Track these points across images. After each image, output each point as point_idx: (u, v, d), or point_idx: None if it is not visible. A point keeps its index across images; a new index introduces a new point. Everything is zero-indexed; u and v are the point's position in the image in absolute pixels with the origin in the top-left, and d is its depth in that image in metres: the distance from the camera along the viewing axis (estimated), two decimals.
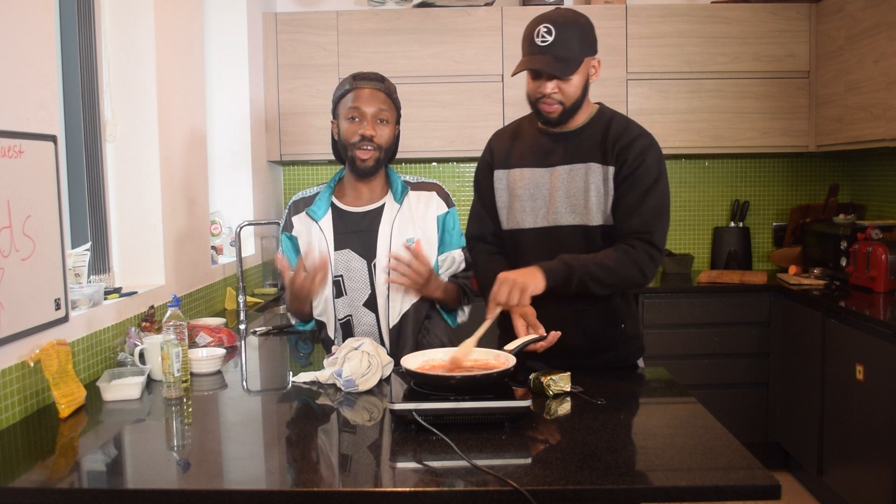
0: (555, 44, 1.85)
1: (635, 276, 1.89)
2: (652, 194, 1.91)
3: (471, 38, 3.80)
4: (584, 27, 1.90)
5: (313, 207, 2.08)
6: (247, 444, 1.59)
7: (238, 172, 3.69)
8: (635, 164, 1.92)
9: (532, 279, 1.80)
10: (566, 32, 1.85)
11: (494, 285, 1.82)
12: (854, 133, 3.46)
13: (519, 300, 1.78)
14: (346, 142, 2.00)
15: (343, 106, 2.01)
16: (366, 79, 2.00)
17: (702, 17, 3.81)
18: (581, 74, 1.91)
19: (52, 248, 1.90)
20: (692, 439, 1.50)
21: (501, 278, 1.81)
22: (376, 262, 2.05)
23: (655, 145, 1.98)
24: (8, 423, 1.70)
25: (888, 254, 3.19)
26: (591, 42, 1.93)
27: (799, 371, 3.41)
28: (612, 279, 1.88)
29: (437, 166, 4.25)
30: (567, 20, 1.87)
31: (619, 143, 1.94)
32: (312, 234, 2.09)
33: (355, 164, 2.01)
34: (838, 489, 3.08)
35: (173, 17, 2.73)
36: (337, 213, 2.09)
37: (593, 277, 1.85)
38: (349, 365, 1.84)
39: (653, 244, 1.90)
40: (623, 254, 1.88)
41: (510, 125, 2.16)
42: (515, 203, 2.04)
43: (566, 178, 1.97)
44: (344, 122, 2.00)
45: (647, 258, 1.89)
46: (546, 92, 1.91)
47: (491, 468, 1.33)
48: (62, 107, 2.33)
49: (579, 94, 1.93)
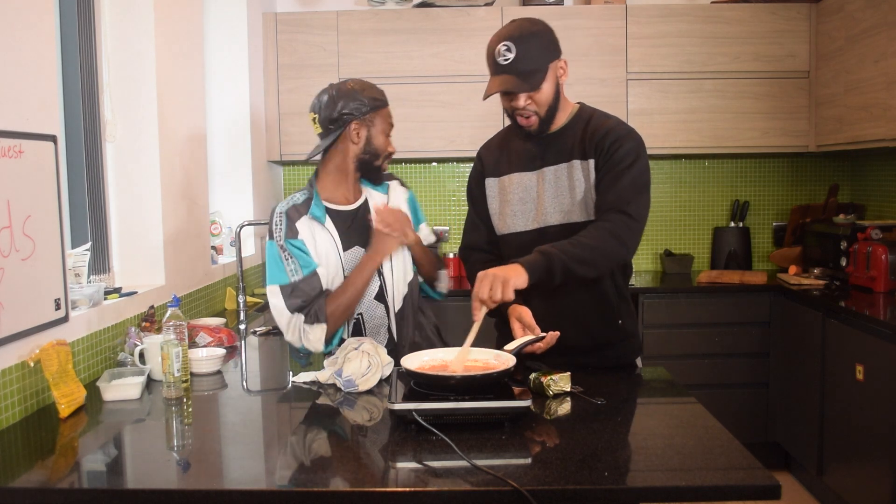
0: (516, 60, 1.87)
1: (615, 248, 1.85)
2: (627, 174, 1.89)
3: (471, 38, 3.80)
4: (542, 35, 1.91)
5: (314, 212, 2.09)
6: (247, 444, 1.59)
7: (238, 172, 3.69)
8: (611, 151, 1.91)
9: (513, 272, 1.77)
10: (525, 46, 1.87)
11: (475, 283, 1.79)
12: (854, 133, 3.46)
13: (502, 294, 1.74)
14: (381, 151, 2.14)
15: (381, 118, 2.13)
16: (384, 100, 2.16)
17: (702, 17, 3.81)
18: (550, 82, 1.93)
19: (52, 248, 1.90)
20: (692, 439, 1.50)
21: (481, 275, 1.78)
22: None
23: (634, 135, 1.96)
24: (8, 423, 1.70)
25: (888, 254, 3.19)
26: (552, 47, 1.93)
27: (799, 371, 3.41)
28: (595, 255, 1.84)
29: (437, 166, 4.25)
30: (523, 33, 1.89)
31: (596, 134, 1.95)
32: (317, 238, 2.09)
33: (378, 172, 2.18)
34: (838, 489, 3.08)
35: (173, 17, 2.73)
36: (332, 213, 2.13)
37: (575, 259, 1.81)
38: (349, 365, 1.84)
39: (628, 214, 1.86)
40: (599, 229, 1.85)
41: (497, 135, 2.19)
42: (506, 208, 2.06)
43: (552, 178, 2.00)
44: (380, 135, 2.13)
45: (624, 227, 1.85)
46: (520, 106, 1.93)
47: (491, 468, 1.33)
48: (62, 107, 2.33)
49: (552, 99, 1.94)
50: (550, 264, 1.79)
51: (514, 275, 1.76)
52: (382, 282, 2.15)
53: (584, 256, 1.82)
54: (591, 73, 3.81)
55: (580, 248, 1.82)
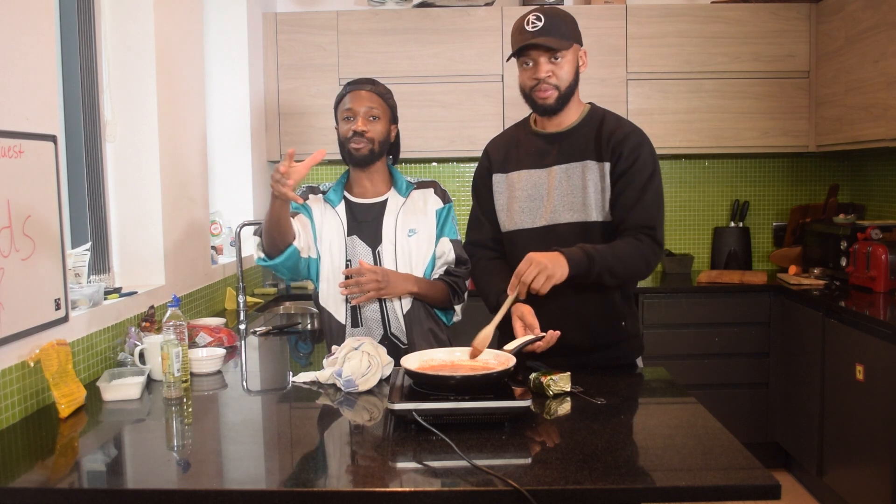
0: (545, 28, 1.93)
1: (641, 269, 1.94)
2: (650, 188, 1.96)
3: (471, 38, 3.80)
4: (570, 19, 1.99)
5: (330, 195, 2.20)
6: (247, 444, 1.59)
7: (238, 172, 3.69)
8: (631, 159, 1.95)
9: (559, 268, 1.79)
10: (555, 19, 1.94)
11: (522, 263, 1.79)
12: (854, 133, 3.46)
13: (541, 287, 1.77)
14: (343, 138, 2.17)
15: (340, 109, 2.18)
16: (358, 83, 2.18)
17: (702, 17, 3.81)
18: (571, 60, 1.97)
19: (52, 248, 1.90)
20: (692, 439, 1.50)
21: (531, 257, 1.79)
22: (381, 248, 2.16)
23: (648, 141, 2.01)
24: (8, 423, 1.70)
25: (888, 254, 3.19)
26: (577, 33, 2.00)
27: (799, 371, 3.41)
28: (625, 271, 1.92)
29: (437, 166, 4.25)
30: (554, 11, 1.98)
31: (612, 139, 1.97)
32: (325, 217, 2.19)
33: (351, 155, 2.15)
34: (838, 489, 3.08)
35: (173, 17, 2.73)
36: (348, 203, 2.21)
37: (609, 269, 1.87)
38: (349, 365, 1.84)
39: (656, 240, 1.94)
40: (634, 247, 1.91)
41: (505, 132, 2.20)
42: (514, 205, 2.06)
43: (563, 177, 2.00)
44: (341, 123, 2.18)
45: (652, 253, 1.93)
46: (541, 76, 1.95)
47: (491, 468, 1.33)
48: (62, 107, 2.33)
49: (572, 78, 1.98)
50: (591, 267, 1.84)
51: (559, 271, 1.79)
52: None
53: (617, 270, 1.89)
54: (591, 73, 3.80)
55: (616, 260, 1.88)
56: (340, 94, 2.19)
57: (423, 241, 2.17)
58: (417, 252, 2.16)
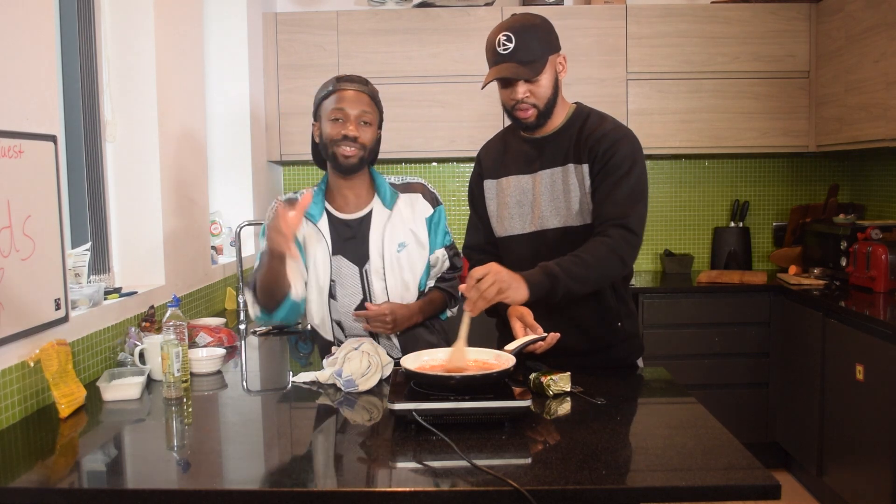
0: (516, 49, 1.87)
1: (616, 266, 1.85)
2: (624, 184, 1.88)
3: (471, 38, 3.80)
4: (541, 28, 1.92)
5: (312, 211, 2.06)
6: (247, 444, 1.59)
7: (238, 172, 3.69)
8: (606, 157, 1.90)
9: (514, 289, 1.71)
10: (525, 36, 1.88)
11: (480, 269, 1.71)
12: (854, 133, 3.46)
13: (490, 299, 1.69)
14: (328, 140, 1.99)
15: (326, 107, 2.00)
16: (350, 81, 2.01)
17: (702, 17, 3.81)
18: (548, 74, 1.92)
19: (52, 248, 1.90)
20: (692, 439, 1.50)
21: (495, 269, 1.70)
22: (368, 266, 2.05)
23: (630, 138, 1.94)
24: (8, 423, 1.70)
25: (888, 254, 3.19)
26: (551, 41, 1.94)
27: (799, 371, 3.41)
28: (596, 274, 1.83)
29: (436, 166, 4.25)
30: (524, 25, 1.90)
31: (590, 138, 1.94)
32: (309, 236, 2.07)
33: (338, 161, 1.99)
34: (838, 489, 3.08)
35: (173, 17, 2.73)
36: (330, 218, 2.08)
37: (577, 279, 1.78)
38: (349, 365, 1.84)
39: (628, 228, 1.85)
40: (600, 245, 1.84)
41: (496, 136, 2.18)
42: (504, 211, 2.05)
43: (548, 181, 1.99)
44: (327, 123, 1.99)
45: (624, 244, 1.84)
46: (518, 97, 1.92)
47: (491, 468, 1.33)
48: (62, 107, 2.33)
49: (550, 93, 1.94)
50: (554, 287, 1.76)
51: (513, 292, 1.71)
52: (365, 297, 2.07)
53: (586, 276, 1.81)
54: (591, 73, 3.81)
55: (582, 266, 1.80)
56: (328, 90, 2.01)
57: (415, 252, 2.08)
58: (410, 266, 2.07)
